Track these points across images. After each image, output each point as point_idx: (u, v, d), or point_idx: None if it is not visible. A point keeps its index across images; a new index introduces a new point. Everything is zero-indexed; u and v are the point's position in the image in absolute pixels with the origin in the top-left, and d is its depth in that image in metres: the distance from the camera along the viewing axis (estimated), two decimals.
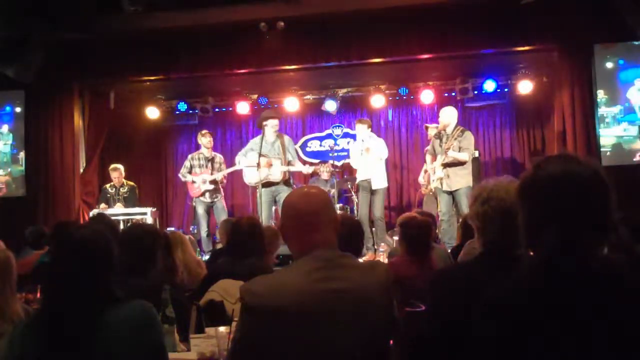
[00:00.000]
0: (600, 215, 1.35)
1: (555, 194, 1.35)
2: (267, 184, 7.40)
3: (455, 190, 6.84)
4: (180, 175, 8.27)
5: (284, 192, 7.40)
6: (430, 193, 7.94)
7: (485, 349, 1.35)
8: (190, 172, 8.08)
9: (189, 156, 8.31)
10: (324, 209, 1.87)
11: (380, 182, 7.49)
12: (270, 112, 7.88)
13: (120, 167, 8.29)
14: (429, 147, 7.50)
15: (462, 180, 6.84)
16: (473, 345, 1.39)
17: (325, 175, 8.59)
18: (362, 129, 7.62)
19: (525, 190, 1.43)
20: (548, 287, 1.31)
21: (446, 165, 6.91)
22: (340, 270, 1.78)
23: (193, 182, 8.02)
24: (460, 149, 6.83)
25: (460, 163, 6.87)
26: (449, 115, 7.09)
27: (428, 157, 7.42)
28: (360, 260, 3.24)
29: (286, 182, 7.53)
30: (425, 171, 7.94)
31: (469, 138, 6.98)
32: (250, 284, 1.78)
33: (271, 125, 7.47)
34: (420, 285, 2.32)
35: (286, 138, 7.74)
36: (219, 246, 6.77)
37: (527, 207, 1.42)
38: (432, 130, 8.27)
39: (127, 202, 8.11)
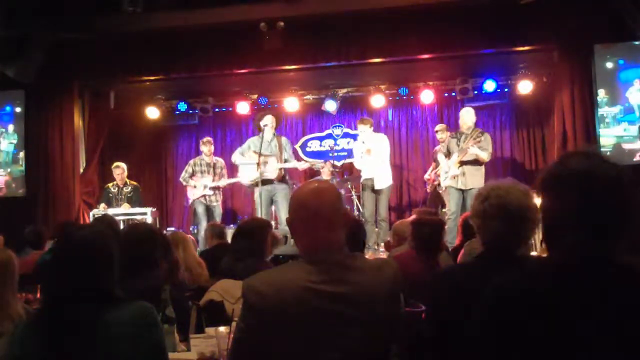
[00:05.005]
0: (622, 217, 1.32)
1: (578, 191, 1.32)
2: (264, 182, 7.39)
3: (469, 190, 6.90)
4: (181, 179, 8.30)
5: (280, 192, 7.44)
6: (441, 191, 7.95)
7: (485, 348, 1.35)
8: (191, 177, 8.12)
9: (191, 161, 8.35)
10: (335, 207, 1.81)
11: (383, 181, 7.48)
12: (265, 111, 7.96)
13: (123, 165, 8.24)
14: (440, 147, 7.54)
15: (476, 180, 6.93)
16: (473, 345, 1.39)
17: (325, 176, 8.59)
18: (364, 129, 7.63)
19: (547, 185, 1.39)
20: (564, 287, 1.29)
21: (463, 164, 6.96)
22: (345, 273, 1.75)
23: (194, 187, 8.09)
24: (480, 149, 6.94)
25: (478, 163, 6.98)
26: (470, 116, 7.24)
27: (441, 156, 7.44)
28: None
29: (282, 179, 7.54)
30: (435, 166, 7.93)
31: (488, 139, 7.13)
32: (254, 281, 1.75)
33: (270, 122, 7.46)
34: (423, 284, 2.32)
35: (283, 139, 7.76)
36: None
37: (548, 203, 1.39)
38: (442, 133, 8.26)
39: (131, 202, 8.10)
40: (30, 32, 7.34)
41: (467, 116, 7.25)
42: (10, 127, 8.40)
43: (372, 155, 7.43)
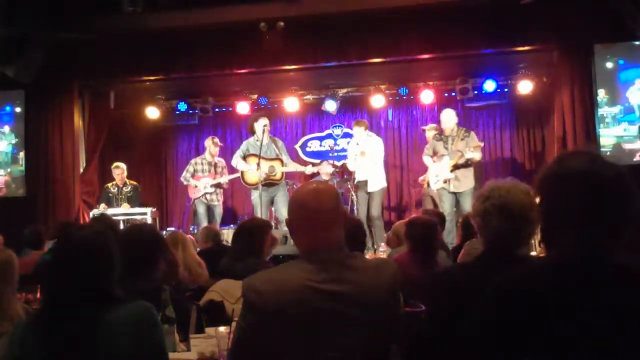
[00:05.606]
0: (621, 217, 1.31)
1: (577, 192, 1.31)
2: (268, 184, 7.43)
3: (461, 192, 6.90)
4: (182, 179, 8.29)
5: (280, 192, 7.52)
6: (432, 194, 7.93)
7: (485, 348, 1.35)
8: (192, 177, 8.13)
9: (192, 161, 8.35)
10: (333, 207, 1.82)
11: (376, 183, 7.49)
12: (259, 112, 7.98)
13: (123, 165, 8.27)
14: (426, 150, 7.54)
15: (467, 181, 6.99)
16: (473, 345, 1.39)
17: (325, 176, 8.59)
18: (359, 131, 7.64)
19: (545, 184, 1.39)
20: (564, 287, 1.29)
21: (456, 167, 6.97)
22: (345, 272, 1.75)
23: (195, 186, 8.08)
24: (476, 151, 6.96)
25: (468, 165, 7.01)
26: (450, 117, 7.23)
27: (427, 159, 7.43)
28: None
29: (281, 181, 7.58)
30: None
31: (475, 138, 7.16)
32: (254, 280, 1.75)
33: (262, 124, 7.46)
34: (422, 284, 2.32)
35: (279, 142, 7.77)
36: None
37: (546, 203, 1.38)
38: (430, 132, 8.27)
39: (131, 202, 8.10)
40: (30, 32, 7.33)
41: (448, 118, 7.23)
42: (10, 127, 8.40)
43: (366, 158, 7.44)
